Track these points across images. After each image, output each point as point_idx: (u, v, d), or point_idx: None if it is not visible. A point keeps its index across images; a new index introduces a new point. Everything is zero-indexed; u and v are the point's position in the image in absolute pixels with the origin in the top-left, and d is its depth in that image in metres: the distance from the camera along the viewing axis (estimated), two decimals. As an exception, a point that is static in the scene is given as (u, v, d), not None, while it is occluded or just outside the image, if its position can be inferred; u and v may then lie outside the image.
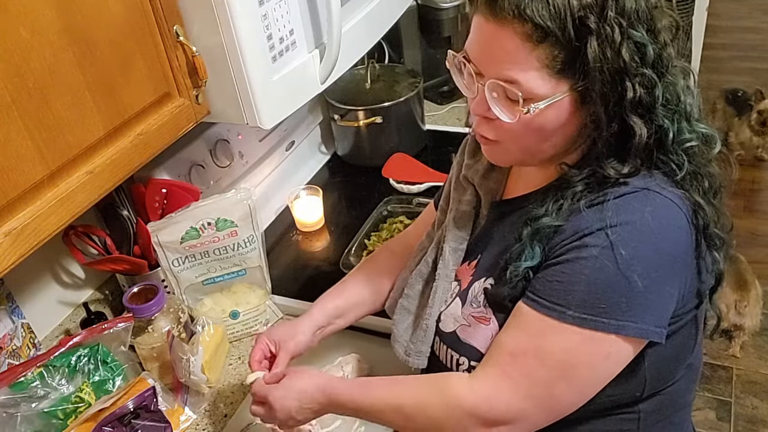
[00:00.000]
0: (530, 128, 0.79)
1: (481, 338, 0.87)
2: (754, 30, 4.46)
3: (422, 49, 2.02)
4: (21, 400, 1.02)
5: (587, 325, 0.76)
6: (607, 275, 0.75)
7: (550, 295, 0.79)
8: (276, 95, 1.10)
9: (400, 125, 1.77)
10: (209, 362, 1.19)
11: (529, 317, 0.80)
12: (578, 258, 0.77)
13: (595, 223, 0.76)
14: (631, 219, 0.76)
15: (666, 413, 0.91)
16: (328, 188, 1.72)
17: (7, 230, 0.80)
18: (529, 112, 0.76)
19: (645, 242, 0.75)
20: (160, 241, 1.22)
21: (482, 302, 0.89)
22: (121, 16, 0.90)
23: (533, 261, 0.81)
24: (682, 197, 0.79)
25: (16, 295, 1.18)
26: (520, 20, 0.73)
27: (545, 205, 0.82)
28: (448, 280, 0.97)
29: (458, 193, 1.01)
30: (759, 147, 3.31)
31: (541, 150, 0.82)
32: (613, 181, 0.79)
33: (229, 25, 0.98)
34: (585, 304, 0.76)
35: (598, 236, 0.76)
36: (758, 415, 2.24)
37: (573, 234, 0.78)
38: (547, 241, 0.81)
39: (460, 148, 1.06)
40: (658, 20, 0.76)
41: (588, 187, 0.80)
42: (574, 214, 0.79)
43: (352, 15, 1.25)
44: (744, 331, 2.40)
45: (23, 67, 0.78)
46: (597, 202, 0.78)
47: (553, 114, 0.77)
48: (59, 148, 0.84)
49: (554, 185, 0.84)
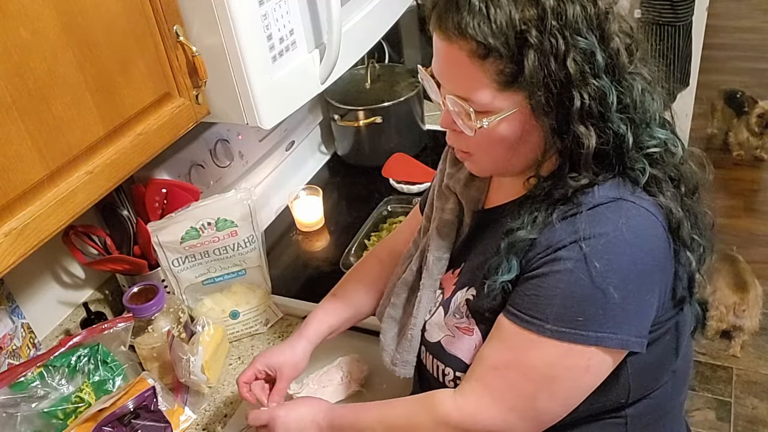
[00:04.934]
0: (493, 140, 0.79)
1: (465, 349, 0.88)
2: (754, 30, 4.46)
3: (422, 49, 2.02)
4: (21, 400, 1.02)
5: (566, 338, 0.76)
6: (583, 288, 0.75)
7: (529, 309, 0.78)
8: (276, 95, 1.10)
9: (400, 125, 1.77)
10: (209, 362, 1.19)
11: (509, 331, 0.80)
12: (553, 271, 0.77)
13: (569, 236, 0.76)
14: (605, 231, 0.75)
15: (654, 417, 0.91)
16: (328, 188, 1.72)
17: (7, 230, 0.80)
18: (482, 126, 0.77)
19: (620, 253, 0.75)
20: (160, 241, 1.22)
21: (465, 313, 0.89)
22: (121, 16, 0.90)
23: (510, 274, 0.81)
24: (655, 204, 0.78)
25: (16, 295, 1.18)
26: (464, 38, 0.73)
27: (521, 218, 0.81)
28: (432, 289, 0.96)
29: (441, 201, 1.00)
30: (758, 147, 3.32)
31: (511, 161, 0.83)
32: (574, 191, 0.78)
33: (229, 25, 0.98)
34: (562, 317, 0.76)
35: (571, 249, 0.75)
36: (758, 415, 2.24)
37: (547, 247, 0.78)
38: (524, 254, 0.80)
39: (442, 156, 1.06)
40: (609, 25, 0.75)
41: (560, 199, 0.79)
42: (548, 226, 0.78)
43: (352, 15, 1.25)
44: (743, 332, 2.40)
45: (23, 67, 0.78)
46: (570, 214, 0.77)
47: (509, 127, 0.78)
48: (59, 148, 0.84)
49: (528, 196, 0.83)
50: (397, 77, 1.83)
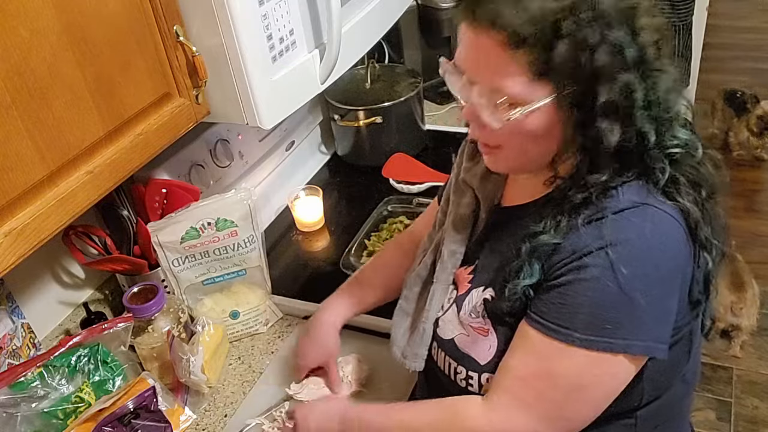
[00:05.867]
0: (521, 133, 0.78)
1: (480, 350, 0.87)
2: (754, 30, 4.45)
3: (422, 49, 2.02)
4: (21, 400, 1.02)
5: (595, 347, 0.76)
6: (610, 295, 0.74)
7: (556, 318, 0.78)
8: (276, 95, 1.10)
9: (400, 125, 1.77)
10: (209, 362, 1.19)
11: (535, 340, 0.79)
12: (579, 279, 0.76)
13: (594, 242, 0.75)
14: (630, 236, 0.75)
15: (663, 418, 0.91)
16: (328, 188, 1.72)
17: (7, 230, 0.80)
18: (509, 118, 0.76)
19: (645, 260, 0.75)
20: (160, 241, 1.22)
21: (481, 313, 0.88)
22: (121, 16, 0.90)
23: (532, 279, 0.80)
24: (677, 208, 0.78)
25: (16, 295, 1.18)
26: (497, 28, 0.72)
27: (543, 221, 0.80)
28: (445, 283, 0.96)
29: (457, 196, 1.00)
30: (758, 147, 3.31)
31: (533, 156, 0.82)
32: (598, 195, 0.77)
33: (229, 25, 0.98)
34: (591, 325, 0.76)
35: (598, 256, 0.75)
36: (758, 415, 2.24)
37: (572, 253, 0.77)
38: (546, 259, 0.79)
39: (459, 150, 1.05)
40: (639, 19, 0.75)
41: (584, 203, 0.78)
42: (572, 231, 0.78)
43: (352, 15, 1.25)
44: (741, 331, 2.40)
45: (23, 67, 0.78)
46: (595, 219, 0.77)
47: (538, 119, 0.76)
48: (59, 148, 0.84)
49: (551, 198, 0.82)
50: (397, 77, 1.83)
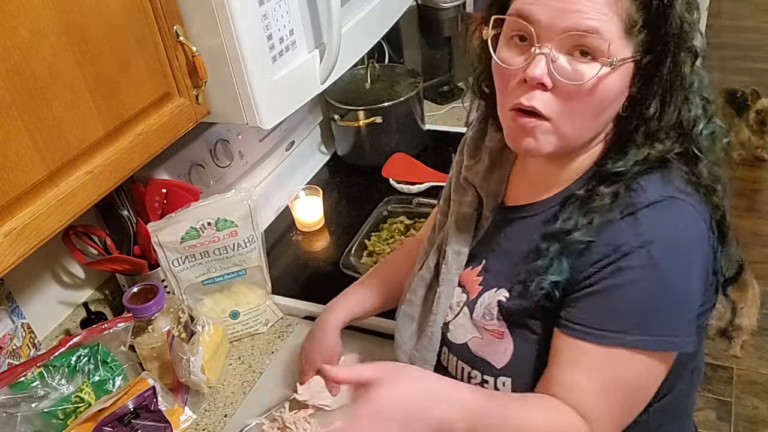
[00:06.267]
0: (593, 96, 0.75)
1: (495, 353, 0.86)
2: (755, 30, 4.45)
3: (422, 49, 2.02)
4: (21, 400, 1.02)
5: (646, 347, 0.76)
6: (655, 294, 0.75)
7: (605, 324, 0.77)
8: (276, 95, 1.10)
9: (400, 125, 1.77)
10: (209, 362, 1.19)
11: (590, 352, 0.78)
12: (625, 282, 0.76)
13: (633, 240, 0.75)
14: (665, 232, 0.75)
15: (673, 413, 0.91)
16: (328, 188, 1.72)
17: (7, 230, 0.80)
18: (613, 64, 0.73)
19: (681, 254, 0.76)
20: (160, 241, 1.22)
21: (496, 315, 0.87)
22: (121, 16, 0.90)
23: (561, 276, 0.79)
24: (701, 202, 0.79)
25: (16, 295, 1.18)
26: None
27: (572, 219, 0.80)
28: (451, 285, 0.94)
29: (458, 194, 0.99)
30: (759, 147, 3.31)
31: (590, 127, 0.80)
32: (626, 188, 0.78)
33: (229, 25, 0.98)
34: (640, 326, 0.76)
35: (638, 255, 0.75)
36: (758, 415, 2.24)
37: (611, 253, 0.76)
38: (577, 257, 0.79)
39: (459, 149, 1.05)
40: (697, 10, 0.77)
41: (614, 196, 0.78)
42: (606, 227, 0.77)
43: (352, 15, 1.25)
44: (742, 331, 2.40)
45: (23, 66, 0.78)
46: (627, 213, 0.76)
47: (617, 81, 0.75)
48: (59, 148, 0.84)
49: (573, 195, 0.82)
50: (397, 77, 1.83)
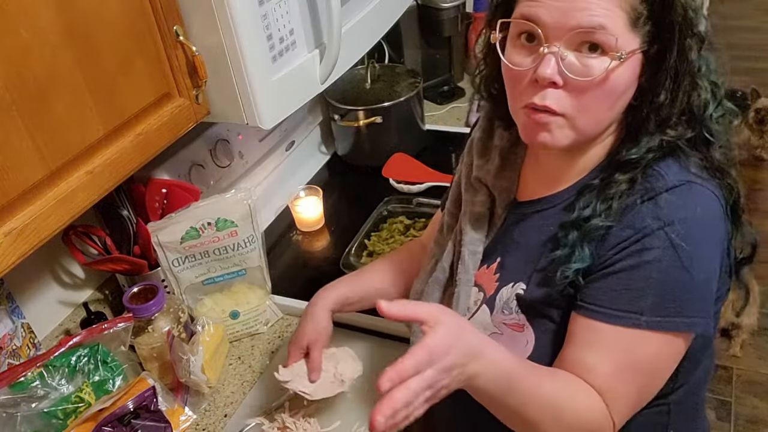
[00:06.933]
0: (604, 89, 0.77)
1: (516, 346, 0.86)
2: (755, 30, 4.45)
3: (422, 49, 2.02)
4: (21, 400, 1.02)
5: (662, 328, 0.77)
6: (674, 275, 0.76)
7: (621, 305, 0.78)
8: (276, 95, 1.10)
9: (400, 125, 1.77)
10: (209, 362, 1.19)
11: (605, 332, 0.79)
12: (642, 262, 0.76)
13: (653, 222, 0.76)
14: (685, 215, 0.76)
15: (691, 404, 0.92)
16: (328, 188, 1.71)
17: (7, 230, 0.80)
18: (621, 57, 0.74)
19: (700, 237, 0.76)
20: (160, 241, 1.22)
21: (515, 309, 0.87)
22: (121, 16, 0.90)
23: (583, 263, 0.80)
24: (716, 186, 0.80)
25: (16, 295, 1.18)
26: None
27: (590, 207, 0.80)
28: (469, 285, 0.94)
29: (470, 194, 0.98)
30: (758, 147, 3.31)
31: (604, 119, 0.81)
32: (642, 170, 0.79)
33: (229, 25, 0.98)
34: (657, 307, 0.76)
35: (657, 236, 0.76)
36: (758, 415, 2.24)
37: (631, 235, 0.77)
38: (599, 243, 0.79)
39: (466, 149, 1.04)
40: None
41: (631, 182, 0.79)
42: (626, 212, 0.78)
43: (352, 15, 1.25)
44: (742, 330, 2.40)
45: (23, 67, 0.78)
46: (647, 198, 0.77)
47: (625, 73, 0.76)
48: (59, 148, 0.84)
49: (588, 185, 0.83)
50: (397, 77, 1.83)
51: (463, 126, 1.90)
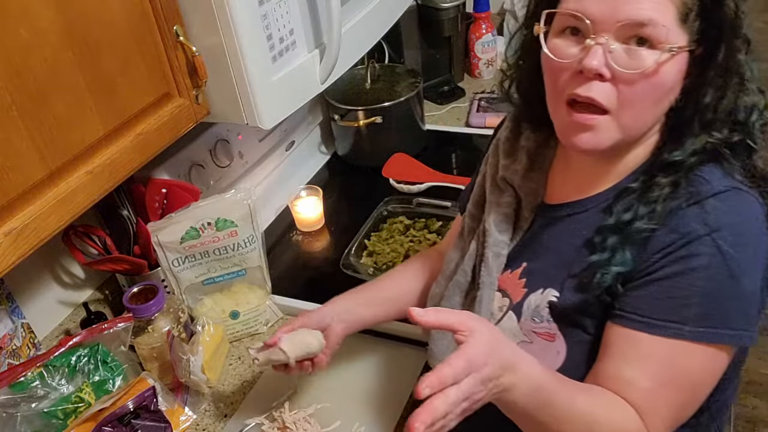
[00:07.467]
0: (652, 82, 0.74)
1: (547, 357, 0.83)
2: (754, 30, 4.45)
3: (422, 49, 2.02)
4: (21, 400, 1.02)
5: (706, 339, 0.74)
6: (720, 284, 0.73)
7: (663, 313, 0.75)
8: (276, 95, 1.10)
9: (400, 125, 1.77)
10: (209, 362, 1.19)
11: (646, 343, 0.76)
12: (688, 269, 0.73)
13: (699, 228, 0.73)
14: (732, 221, 0.74)
15: (718, 407, 0.88)
16: (328, 188, 1.71)
17: (7, 230, 0.80)
18: (672, 50, 0.72)
19: (747, 245, 0.74)
20: (160, 241, 1.22)
21: (546, 316, 0.84)
22: (121, 17, 0.90)
23: (625, 267, 0.76)
24: (760, 194, 0.78)
25: (16, 295, 1.18)
26: None
27: (631, 210, 0.78)
28: (492, 288, 0.91)
29: (495, 195, 0.95)
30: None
31: (648, 116, 0.78)
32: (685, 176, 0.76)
33: (229, 25, 0.98)
34: (702, 317, 0.73)
35: (703, 243, 0.73)
36: (758, 415, 2.24)
37: (676, 240, 0.74)
38: (640, 247, 0.76)
39: (491, 150, 1.01)
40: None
41: (674, 186, 0.76)
42: (670, 215, 0.75)
43: (352, 15, 1.25)
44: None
45: (23, 67, 0.78)
46: (693, 202, 0.75)
47: (674, 68, 0.74)
48: (59, 148, 0.84)
49: (627, 189, 0.80)
50: (397, 77, 1.83)
51: (463, 126, 1.90)
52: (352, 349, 1.23)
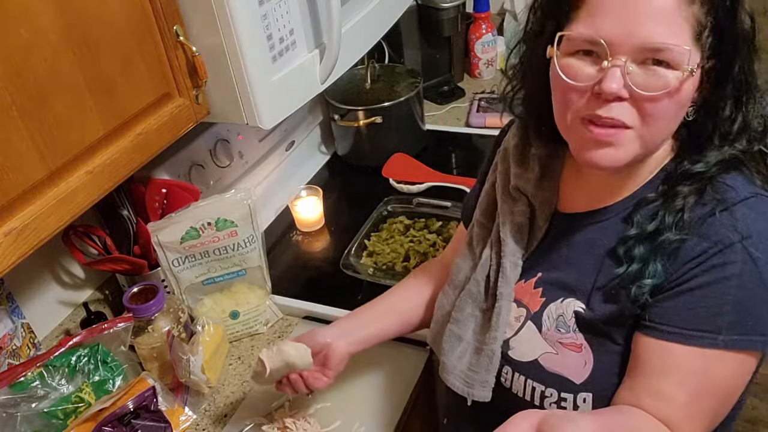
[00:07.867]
0: (671, 100, 0.73)
1: (573, 368, 0.82)
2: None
3: (422, 49, 2.02)
4: (21, 400, 1.02)
5: (739, 347, 0.74)
6: (752, 291, 0.73)
7: (697, 324, 0.74)
8: (276, 95, 1.10)
9: (400, 125, 1.77)
10: (209, 362, 1.19)
11: (679, 356, 0.75)
12: (721, 278, 0.73)
13: (731, 235, 0.73)
14: (762, 228, 0.73)
15: (732, 427, 0.88)
16: (328, 188, 1.71)
17: (7, 230, 0.80)
18: (692, 71, 0.71)
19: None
20: (160, 241, 1.22)
21: (572, 327, 0.83)
22: (121, 16, 0.90)
23: (658, 278, 0.76)
24: None
25: (16, 295, 1.18)
26: None
27: (656, 219, 0.77)
28: (510, 298, 0.89)
29: (508, 204, 0.94)
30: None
31: (669, 129, 0.77)
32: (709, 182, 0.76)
33: (229, 25, 0.98)
34: (734, 325, 0.73)
35: (735, 250, 0.73)
36: (758, 415, 2.24)
37: (707, 248, 0.74)
38: (670, 257, 0.76)
39: (500, 157, 0.99)
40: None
41: (700, 194, 0.76)
42: (700, 222, 0.75)
43: (352, 15, 1.25)
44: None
45: (23, 67, 0.78)
46: (721, 209, 0.74)
47: (690, 84, 0.73)
48: (59, 148, 0.84)
49: (645, 198, 0.80)
50: (397, 77, 1.83)
51: (463, 126, 1.90)
52: (372, 354, 1.22)
